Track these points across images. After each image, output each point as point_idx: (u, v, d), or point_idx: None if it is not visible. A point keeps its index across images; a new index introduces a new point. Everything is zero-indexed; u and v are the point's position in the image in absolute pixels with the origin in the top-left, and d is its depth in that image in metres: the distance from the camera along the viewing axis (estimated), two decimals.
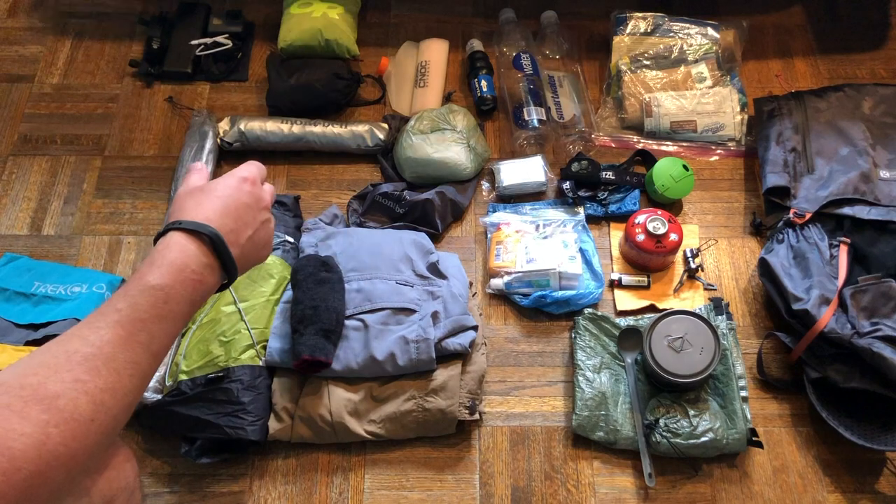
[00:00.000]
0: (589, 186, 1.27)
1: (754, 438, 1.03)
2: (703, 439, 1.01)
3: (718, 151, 1.34)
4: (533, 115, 1.30)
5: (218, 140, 1.31)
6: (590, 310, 1.15)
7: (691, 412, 1.03)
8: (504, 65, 1.38)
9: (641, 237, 1.16)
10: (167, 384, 1.04)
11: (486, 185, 1.31)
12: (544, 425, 1.09)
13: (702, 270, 1.21)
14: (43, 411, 0.52)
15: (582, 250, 1.20)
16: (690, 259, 1.20)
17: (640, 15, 1.42)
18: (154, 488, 1.04)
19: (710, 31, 1.41)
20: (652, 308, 1.18)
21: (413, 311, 1.09)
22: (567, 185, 1.26)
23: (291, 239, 1.20)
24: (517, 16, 1.44)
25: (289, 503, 1.03)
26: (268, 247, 0.76)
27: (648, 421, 1.03)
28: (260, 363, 1.06)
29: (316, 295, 1.05)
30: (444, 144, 1.27)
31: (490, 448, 1.07)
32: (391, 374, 1.06)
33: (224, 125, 1.32)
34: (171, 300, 0.62)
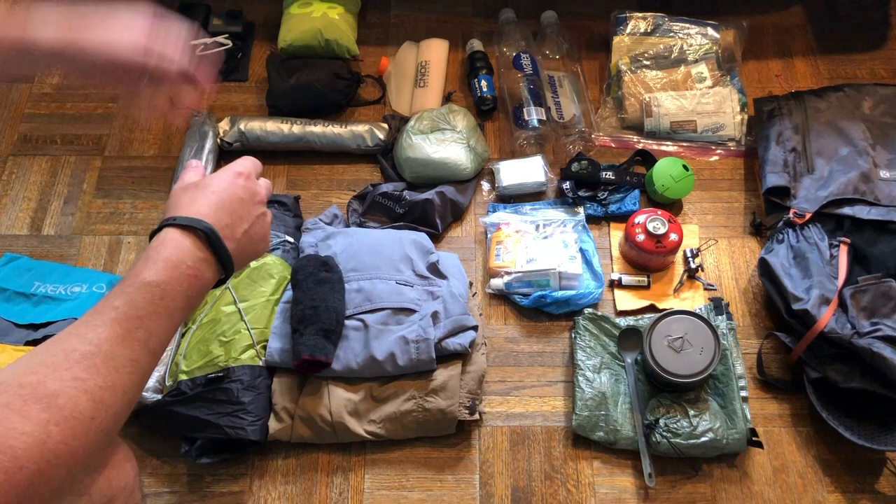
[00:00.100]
0: (589, 186, 1.27)
1: (754, 438, 1.02)
2: (703, 439, 1.01)
3: (718, 151, 1.34)
4: (533, 115, 1.30)
5: (218, 140, 1.31)
6: (590, 310, 1.15)
7: (691, 412, 1.03)
8: (504, 65, 1.38)
9: (641, 237, 1.16)
10: (167, 384, 1.04)
11: (486, 185, 1.31)
12: (544, 425, 1.09)
13: (702, 270, 1.21)
14: (43, 410, 0.52)
15: (582, 250, 1.20)
16: (690, 259, 1.20)
17: (640, 15, 1.42)
18: (154, 488, 1.03)
19: (710, 31, 1.40)
20: (652, 308, 1.18)
21: (413, 311, 1.09)
22: (567, 185, 1.26)
23: (291, 239, 1.20)
24: (517, 16, 1.44)
25: (289, 503, 1.03)
26: (265, 240, 0.75)
27: (648, 421, 1.03)
28: (260, 363, 1.06)
29: (316, 295, 1.05)
30: (444, 144, 1.27)
31: (490, 448, 1.07)
32: (391, 374, 1.06)
33: (224, 125, 1.32)
34: (168, 296, 0.62)
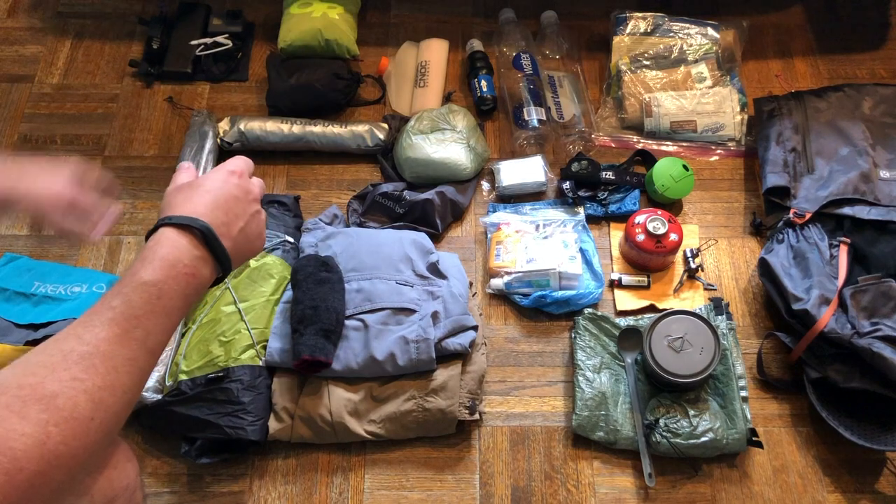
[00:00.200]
0: (589, 186, 1.27)
1: (754, 438, 1.03)
2: (703, 439, 1.01)
3: (718, 151, 1.34)
4: (533, 115, 1.30)
5: (218, 140, 1.31)
6: (590, 310, 1.15)
7: (691, 412, 1.03)
8: (504, 65, 1.38)
9: (641, 237, 1.16)
10: (167, 384, 1.04)
11: (486, 185, 1.31)
12: (544, 425, 1.09)
13: (702, 270, 1.21)
14: (42, 410, 0.52)
15: (582, 250, 1.20)
16: (690, 259, 1.20)
17: (640, 15, 1.42)
18: (154, 488, 1.03)
19: (710, 31, 1.40)
20: (652, 308, 1.18)
21: (413, 311, 1.09)
22: (567, 185, 1.26)
23: (291, 239, 1.20)
24: (517, 16, 1.44)
25: (289, 503, 1.03)
26: (260, 238, 0.76)
27: (648, 421, 1.03)
28: (260, 363, 1.06)
29: (316, 295, 1.05)
30: (444, 144, 1.27)
31: (490, 448, 1.07)
32: (391, 374, 1.06)
33: (224, 125, 1.32)
34: (165, 295, 0.62)
